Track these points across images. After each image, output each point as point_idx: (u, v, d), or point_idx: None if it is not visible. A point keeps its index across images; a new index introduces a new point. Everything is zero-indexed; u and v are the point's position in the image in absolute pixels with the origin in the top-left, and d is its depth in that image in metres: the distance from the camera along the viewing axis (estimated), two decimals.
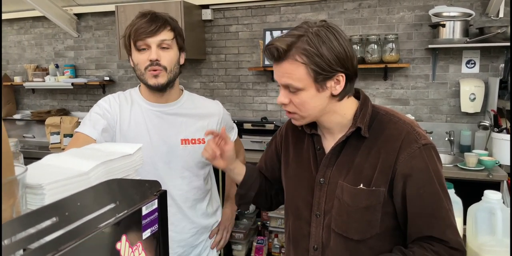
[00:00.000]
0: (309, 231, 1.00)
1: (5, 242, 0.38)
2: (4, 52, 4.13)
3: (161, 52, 1.15)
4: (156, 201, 0.55)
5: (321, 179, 0.98)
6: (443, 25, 2.54)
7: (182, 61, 1.25)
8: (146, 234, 0.53)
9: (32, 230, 0.38)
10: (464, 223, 1.11)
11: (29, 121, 3.88)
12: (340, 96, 0.93)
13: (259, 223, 3.04)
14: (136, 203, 0.51)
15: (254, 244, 2.88)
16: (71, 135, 3.18)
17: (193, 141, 1.27)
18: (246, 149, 1.68)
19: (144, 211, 0.53)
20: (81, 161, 0.46)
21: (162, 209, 0.57)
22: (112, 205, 0.47)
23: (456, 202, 1.05)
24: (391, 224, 0.93)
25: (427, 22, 2.71)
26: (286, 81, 0.89)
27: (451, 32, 2.55)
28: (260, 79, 3.26)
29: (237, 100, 3.33)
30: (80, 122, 3.28)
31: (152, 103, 1.25)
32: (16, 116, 3.98)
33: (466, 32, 2.55)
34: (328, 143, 1.00)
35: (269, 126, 2.88)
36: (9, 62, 4.13)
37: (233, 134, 1.45)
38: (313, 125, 1.02)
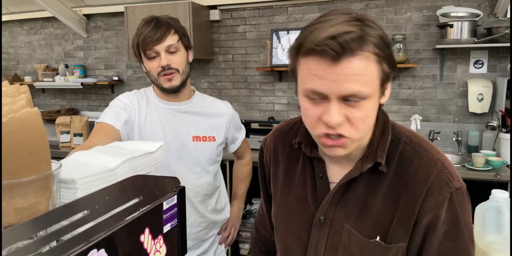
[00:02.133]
0: None
1: (40, 233, 0.41)
2: (15, 52, 4.19)
3: (170, 56, 1.21)
4: (175, 196, 0.58)
5: (322, 218, 0.77)
6: (451, 26, 2.55)
7: (190, 59, 1.31)
8: (167, 227, 0.56)
9: (65, 222, 0.41)
10: (472, 222, 1.12)
11: None
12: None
13: None
14: (158, 198, 0.54)
15: None
16: (81, 134, 3.22)
17: (204, 139, 1.33)
18: (253, 149, 1.71)
19: (165, 206, 0.55)
20: (107, 157, 0.49)
21: (181, 204, 0.59)
22: (136, 200, 0.49)
23: None
24: None
25: (435, 23, 2.72)
26: (353, 87, 0.62)
27: (459, 32, 2.55)
28: (267, 79, 3.28)
29: (244, 100, 3.36)
30: (89, 121, 3.34)
31: (166, 101, 1.32)
32: None
33: (474, 33, 2.56)
34: (333, 171, 0.79)
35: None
36: (19, 62, 4.19)
37: (241, 134, 1.51)
38: (314, 144, 0.78)
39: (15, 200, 0.37)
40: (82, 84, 3.63)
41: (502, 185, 2.18)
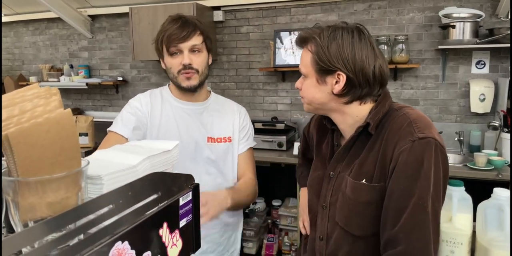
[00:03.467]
0: (316, 221, 1.05)
1: (70, 227, 0.43)
2: (20, 52, 4.23)
3: (192, 56, 1.22)
4: (190, 193, 0.60)
5: (331, 173, 1.02)
6: (453, 26, 2.57)
7: (210, 62, 1.32)
8: (183, 222, 0.59)
9: (92, 216, 0.44)
10: (474, 220, 1.15)
11: None
12: (347, 99, 0.93)
13: (269, 221, 3.09)
14: (175, 194, 0.57)
15: (265, 241, 2.93)
16: (86, 134, 3.25)
17: (219, 140, 1.32)
18: (256, 149, 1.65)
19: (181, 202, 0.58)
20: (128, 155, 0.51)
21: (195, 200, 0.62)
22: (155, 196, 0.52)
23: (466, 199, 1.09)
24: None
25: (437, 23, 2.74)
26: (300, 66, 0.98)
27: (461, 33, 2.57)
28: (271, 79, 3.30)
29: (247, 100, 3.38)
30: (94, 121, 3.36)
31: (182, 101, 1.32)
32: None
33: (476, 33, 2.58)
34: (344, 140, 1.03)
35: (280, 126, 2.92)
36: (24, 62, 4.23)
37: (248, 140, 1.42)
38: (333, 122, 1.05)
39: (47, 195, 0.40)
40: (87, 84, 3.67)
41: (504, 185, 2.19)
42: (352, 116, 0.96)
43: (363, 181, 0.92)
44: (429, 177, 0.84)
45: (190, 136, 1.29)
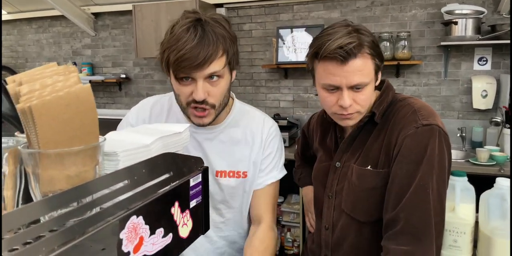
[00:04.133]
0: (321, 211, 1.07)
1: (87, 199, 0.45)
2: (23, 50, 4.25)
3: (209, 86, 0.90)
4: (200, 175, 0.62)
5: (337, 163, 1.03)
6: (455, 23, 2.58)
7: (233, 78, 1.00)
8: (193, 203, 0.60)
9: (107, 191, 0.45)
10: (477, 211, 1.16)
11: None
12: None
13: None
14: (185, 175, 0.58)
15: None
16: None
17: (231, 174, 1.05)
18: None
19: (191, 183, 0.59)
20: (142, 136, 0.53)
21: (205, 183, 0.64)
22: (167, 175, 0.54)
23: (469, 189, 1.09)
24: None
25: (439, 20, 2.75)
26: (357, 80, 0.87)
27: (463, 29, 2.58)
28: (273, 76, 3.32)
29: (250, 97, 3.40)
30: (98, 118, 3.38)
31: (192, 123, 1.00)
32: None
33: (478, 30, 2.59)
34: (348, 131, 1.05)
35: (282, 122, 2.94)
36: (28, 60, 4.25)
37: (271, 172, 1.10)
38: None
39: (66, 168, 0.41)
40: (90, 81, 3.68)
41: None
42: None
43: (369, 167, 0.94)
44: (432, 162, 0.85)
45: None
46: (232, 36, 0.93)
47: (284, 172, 1.14)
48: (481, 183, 1.56)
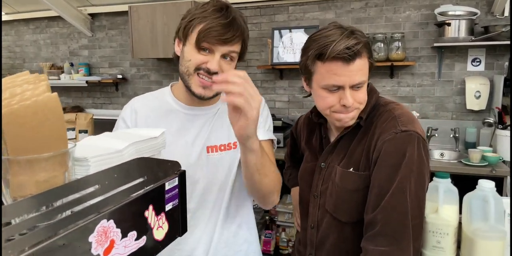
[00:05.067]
0: (308, 211, 1.09)
1: (57, 203, 0.46)
2: (21, 51, 4.26)
3: (222, 62, 0.96)
4: (176, 179, 0.63)
5: (322, 164, 1.06)
6: (449, 24, 2.59)
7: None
8: (169, 206, 0.61)
9: (78, 195, 0.47)
10: (461, 212, 1.17)
11: None
12: None
13: (267, 217, 3.12)
14: (161, 179, 0.59)
15: (262, 238, 2.96)
16: (86, 131, 3.29)
17: (222, 147, 1.06)
18: None
19: (167, 186, 0.61)
20: (116, 141, 0.54)
21: (182, 186, 0.65)
22: (141, 179, 0.55)
23: (452, 190, 1.11)
24: None
25: (433, 21, 2.76)
26: (359, 79, 0.91)
27: (457, 30, 2.60)
28: (269, 77, 3.33)
29: None
30: (94, 118, 3.40)
31: (186, 105, 1.07)
32: None
33: (471, 31, 2.60)
34: (333, 132, 1.08)
35: (277, 123, 2.95)
36: (25, 60, 4.27)
37: (268, 131, 1.11)
38: (321, 115, 1.07)
39: (35, 173, 0.43)
40: (87, 82, 3.70)
41: (497, 180, 2.22)
42: None
43: (351, 169, 0.98)
44: (411, 167, 0.88)
45: (192, 146, 1.05)
46: (248, 32, 1.02)
47: (272, 136, 1.12)
48: (474, 184, 1.58)
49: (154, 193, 0.58)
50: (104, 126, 1.16)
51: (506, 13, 2.61)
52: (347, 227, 1.00)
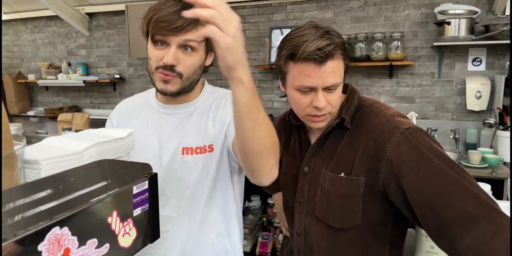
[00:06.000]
0: (293, 217, 1.05)
1: (5, 207, 0.43)
2: (19, 50, 4.25)
3: (181, 54, 0.90)
4: (146, 182, 0.60)
5: (306, 168, 1.01)
6: (449, 23, 2.55)
7: (208, 63, 0.99)
8: (137, 211, 0.58)
9: (28, 200, 0.43)
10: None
11: (42, 118, 3.99)
12: None
13: (264, 219, 3.08)
14: (127, 182, 0.56)
15: (260, 239, 2.92)
16: None
17: (198, 150, 0.99)
18: None
19: (135, 190, 0.57)
20: (76, 142, 0.51)
21: (153, 190, 0.61)
22: (103, 183, 0.52)
23: None
24: (376, 219, 0.93)
25: (433, 20, 2.72)
26: (332, 81, 0.88)
27: (457, 29, 2.55)
28: (267, 77, 3.29)
29: None
30: (91, 118, 3.37)
31: (163, 104, 1.04)
32: (30, 113, 4.10)
33: (472, 30, 2.55)
34: (313, 134, 1.03)
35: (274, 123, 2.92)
36: (23, 60, 4.25)
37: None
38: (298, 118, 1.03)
39: None
40: (84, 82, 3.68)
41: (498, 182, 2.18)
42: None
43: (342, 174, 0.93)
44: (437, 153, 0.82)
45: (166, 148, 1.00)
46: None
47: None
48: None
49: (119, 197, 0.54)
50: (100, 126, 1.12)
51: (507, 12, 2.56)
52: (340, 234, 0.96)
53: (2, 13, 4.06)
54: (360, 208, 0.91)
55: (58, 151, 0.48)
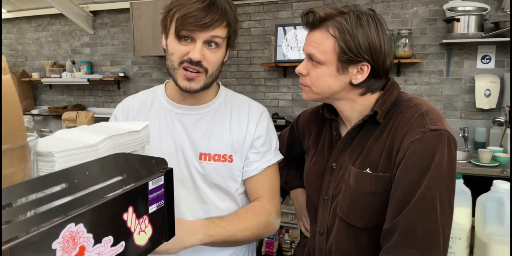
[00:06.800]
0: (316, 216, 0.99)
1: (17, 202, 0.40)
2: (23, 49, 4.24)
3: (206, 50, 0.90)
4: (162, 177, 0.57)
5: (334, 164, 0.95)
6: (458, 20, 2.51)
7: (226, 59, 0.99)
8: (153, 208, 0.55)
9: (41, 194, 0.41)
10: (473, 215, 1.10)
11: (46, 116, 3.98)
12: (362, 90, 0.89)
13: None
14: (143, 177, 0.53)
15: (265, 239, 2.90)
16: None
17: (216, 158, 0.98)
18: None
19: (151, 186, 0.55)
20: (90, 134, 0.48)
21: (169, 186, 0.59)
22: (119, 177, 0.49)
23: (465, 192, 1.04)
24: None
25: (441, 17, 2.68)
26: (311, 50, 0.86)
27: (466, 26, 2.52)
28: (272, 75, 3.27)
29: (249, 96, 3.32)
30: (95, 117, 3.36)
31: (176, 104, 1.00)
32: (34, 111, 4.09)
33: (481, 27, 2.52)
34: (346, 130, 0.96)
35: (280, 122, 2.89)
36: (27, 58, 4.24)
37: (264, 158, 1.01)
38: (333, 110, 0.99)
39: None
40: (88, 80, 3.66)
41: (507, 181, 2.14)
42: (361, 104, 0.91)
43: (367, 170, 0.86)
44: (440, 170, 0.78)
45: (181, 151, 0.97)
46: (235, 15, 0.94)
47: (280, 156, 1.05)
48: (483, 185, 1.51)
49: (134, 193, 0.52)
50: None
51: None
52: (362, 234, 0.89)
53: (7, 11, 4.05)
54: (386, 207, 0.84)
55: (72, 144, 0.45)
